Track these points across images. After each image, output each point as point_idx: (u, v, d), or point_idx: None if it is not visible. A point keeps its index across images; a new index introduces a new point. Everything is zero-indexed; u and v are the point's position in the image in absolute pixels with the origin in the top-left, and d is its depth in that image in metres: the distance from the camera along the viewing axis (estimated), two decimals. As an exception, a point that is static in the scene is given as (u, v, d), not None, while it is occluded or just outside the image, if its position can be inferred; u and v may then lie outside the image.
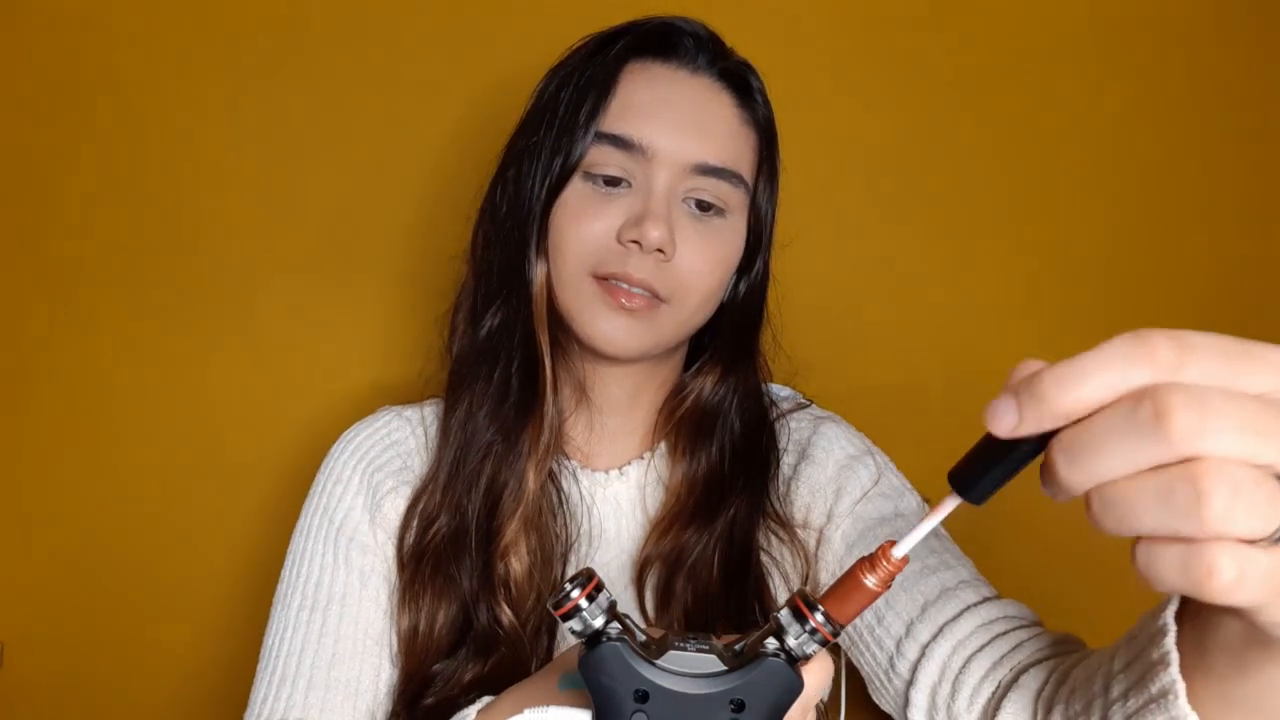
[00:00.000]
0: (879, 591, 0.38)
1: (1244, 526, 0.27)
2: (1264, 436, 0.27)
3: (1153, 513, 0.28)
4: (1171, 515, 0.27)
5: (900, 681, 0.62)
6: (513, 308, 0.71)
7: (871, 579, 0.38)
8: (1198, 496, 0.27)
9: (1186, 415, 0.27)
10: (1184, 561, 0.28)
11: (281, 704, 0.66)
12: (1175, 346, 0.28)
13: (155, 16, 1.02)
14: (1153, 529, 0.28)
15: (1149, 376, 0.28)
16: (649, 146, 0.67)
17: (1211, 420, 0.27)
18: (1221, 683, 0.37)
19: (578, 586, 0.40)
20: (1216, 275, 1.07)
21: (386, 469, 0.74)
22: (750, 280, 0.75)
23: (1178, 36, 1.06)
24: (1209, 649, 0.37)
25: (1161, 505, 0.28)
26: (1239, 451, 0.27)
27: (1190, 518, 0.27)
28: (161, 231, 1.02)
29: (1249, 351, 0.29)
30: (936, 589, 0.63)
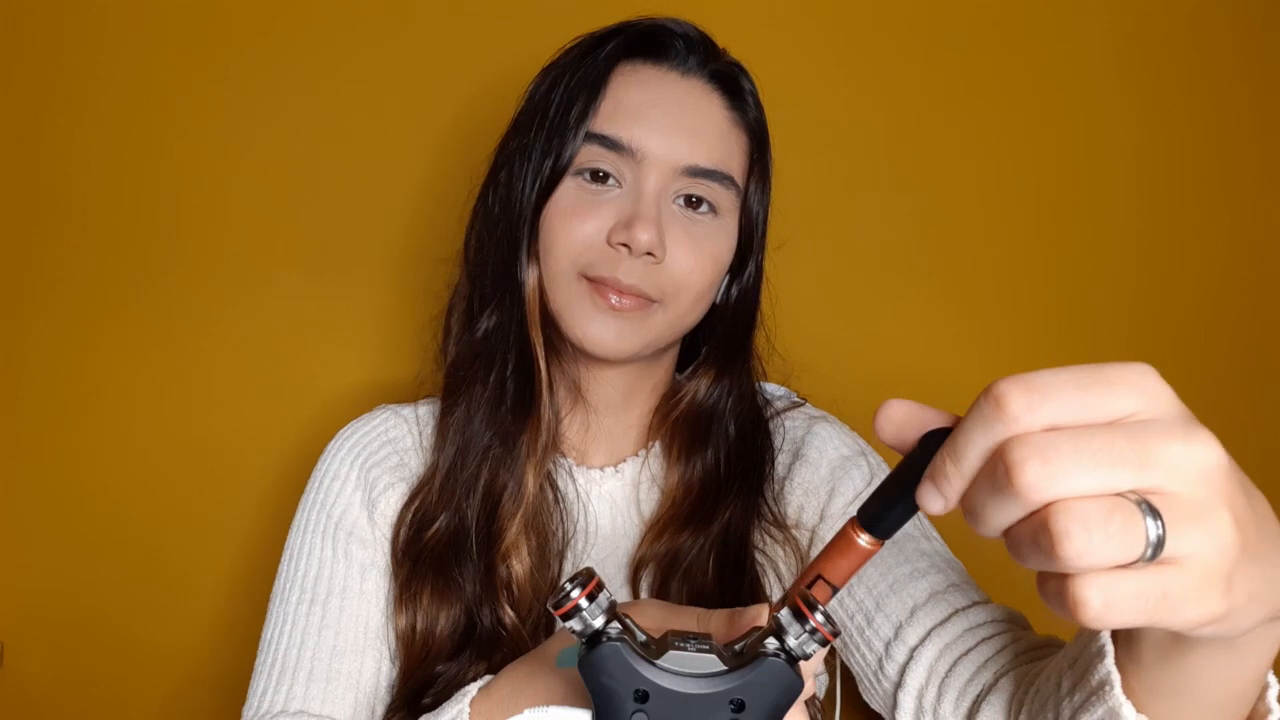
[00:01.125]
0: (872, 550, 0.39)
1: (1106, 557, 0.28)
2: (1114, 465, 0.28)
3: (1033, 558, 0.30)
4: (1044, 559, 0.29)
5: (889, 684, 0.63)
6: (506, 310, 0.71)
7: (865, 537, 0.38)
8: (1053, 541, 0.28)
9: (1031, 467, 0.28)
10: (1059, 596, 0.29)
11: (282, 696, 0.66)
12: (1024, 393, 0.29)
13: (153, 17, 1.02)
14: (1040, 568, 0.30)
15: (1004, 432, 0.30)
16: (639, 148, 0.67)
17: (1055, 466, 0.28)
18: (1150, 673, 0.39)
19: (578, 586, 0.40)
20: (1221, 277, 1.07)
21: (383, 465, 0.75)
22: (743, 282, 0.75)
23: (1185, 36, 1.06)
24: (1138, 644, 0.39)
25: (1035, 551, 0.29)
26: (1092, 486, 0.28)
27: (1056, 560, 0.28)
28: (158, 232, 1.02)
29: (1103, 377, 0.30)
30: (926, 592, 0.63)
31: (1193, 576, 0.29)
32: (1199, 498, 0.29)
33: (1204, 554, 0.29)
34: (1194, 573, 0.29)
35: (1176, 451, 0.29)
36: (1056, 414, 0.29)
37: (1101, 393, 0.30)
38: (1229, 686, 0.39)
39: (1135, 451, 0.29)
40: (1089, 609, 0.28)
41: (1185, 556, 0.29)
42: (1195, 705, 0.39)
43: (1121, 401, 0.30)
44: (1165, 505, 0.29)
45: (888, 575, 0.65)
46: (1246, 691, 0.40)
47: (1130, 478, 0.29)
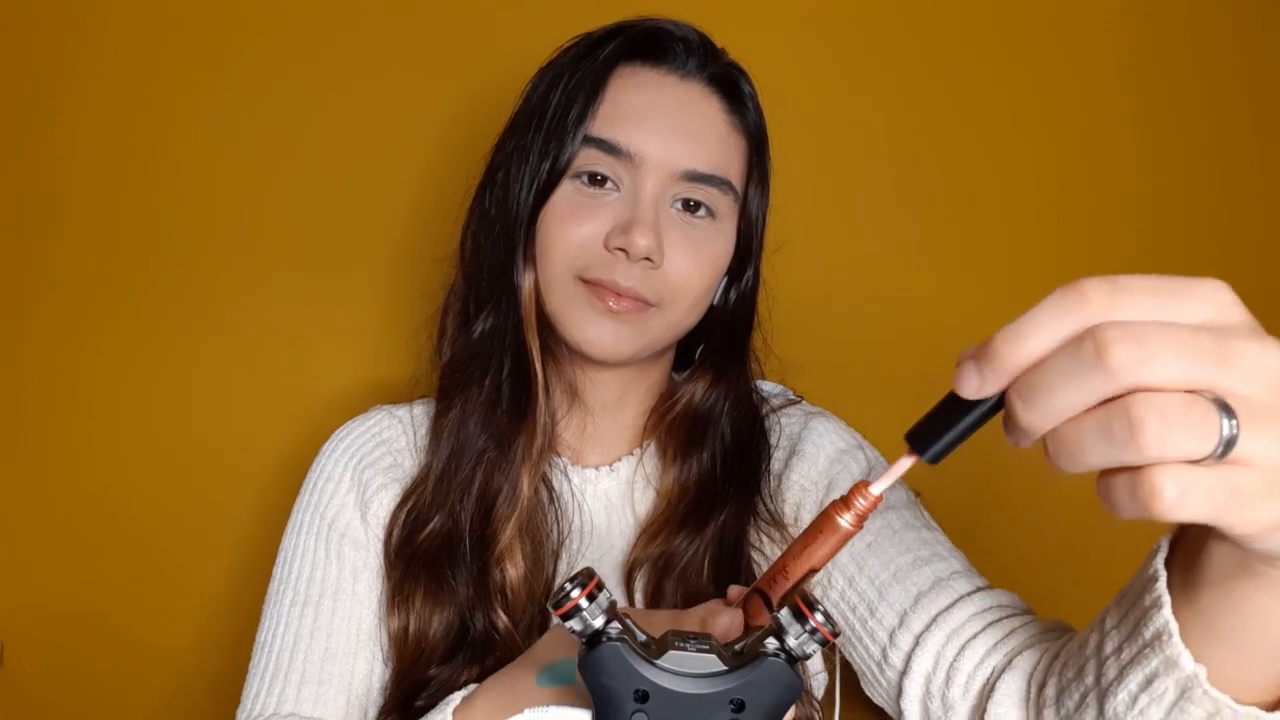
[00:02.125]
0: (853, 531, 0.39)
1: (1179, 449, 0.29)
2: (1197, 360, 0.29)
3: (1098, 448, 0.30)
4: (1113, 447, 0.29)
5: (894, 672, 0.62)
6: (503, 313, 0.71)
7: (846, 518, 0.38)
8: (1131, 427, 0.28)
9: (1124, 348, 0.29)
10: (1132, 487, 0.29)
11: (274, 698, 0.66)
12: (1107, 289, 0.31)
13: (153, 18, 1.02)
14: (1100, 463, 0.30)
15: (1086, 319, 0.30)
16: (637, 153, 0.67)
17: (1148, 349, 0.29)
18: (1208, 618, 0.39)
19: (578, 586, 0.40)
20: (1221, 277, 1.07)
21: (376, 466, 0.74)
22: (741, 286, 0.75)
23: (1185, 36, 1.06)
24: (1196, 587, 0.39)
25: (1104, 440, 0.29)
26: (1175, 377, 0.29)
27: (1128, 447, 0.29)
28: (157, 233, 1.02)
29: (1179, 286, 0.31)
30: (929, 580, 0.63)
31: (1262, 477, 0.29)
32: (1271, 402, 0.30)
33: (1274, 457, 0.30)
34: (1263, 474, 0.30)
35: (1254, 355, 0.30)
36: (1136, 311, 0.30)
37: (1178, 299, 0.31)
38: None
39: (1218, 349, 0.29)
40: (1164, 497, 0.29)
41: (1254, 458, 0.29)
42: (1254, 651, 0.39)
43: (1198, 307, 0.31)
44: (1239, 406, 0.29)
45: (890, 565, 0.65)
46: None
47: (1210, 374, 0.29)
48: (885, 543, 0.66)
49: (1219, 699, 0.39)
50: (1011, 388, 0.32)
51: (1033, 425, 0.31)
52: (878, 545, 0.67)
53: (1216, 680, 0.39)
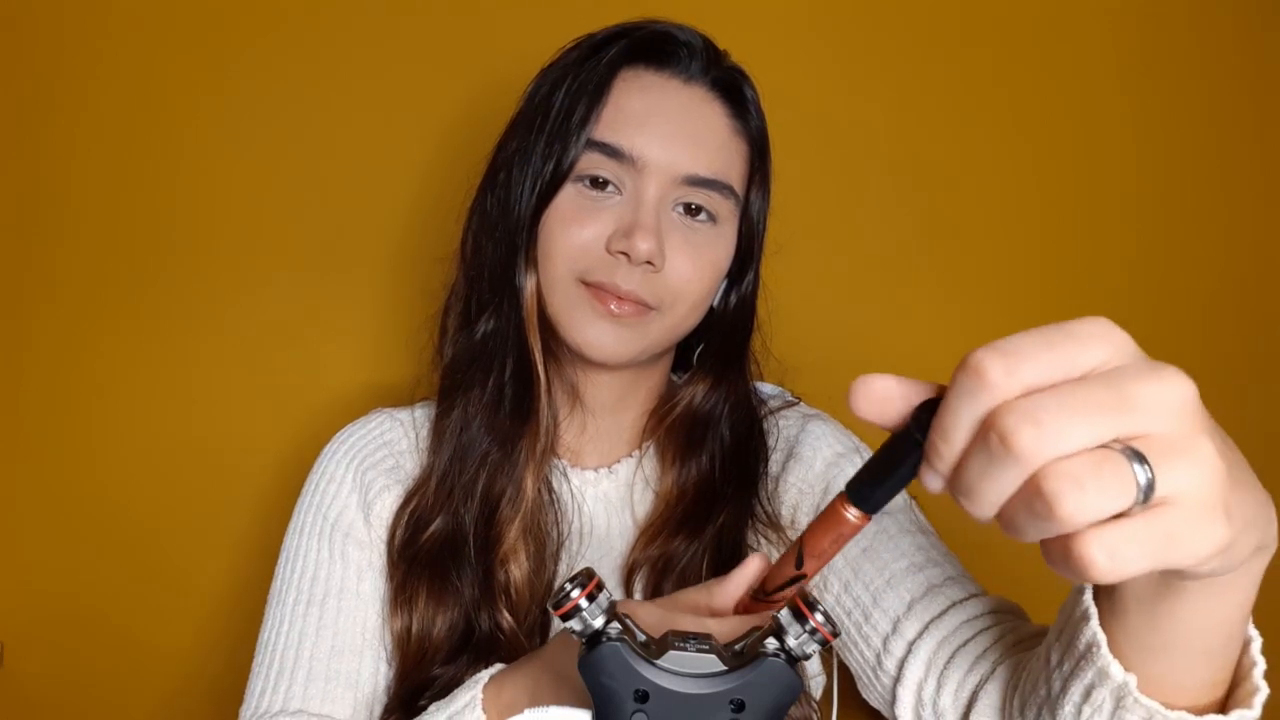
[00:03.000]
0: (860, 525, 0.39)
1: (1099, 510, 0.28)
2: (1097, 417, 0.29)
3: (1032, 527, 0.30)
4: (1042, 523, 0.29)
5: (887, 678, 0.63)
6: (504, 315, 0.71)
7: (853, 512, 0.39)
8: (1049, 504, 0.28)
9: (1025, 433, 0.29)
10: (1065, 559, 0.29)
11: (280, 696, 0.66)
12: (1000, 360, 0.30)
13: (152, 18, 1.02)
14: (1039, 537, 0.30)
15: (991, 399, 0.30)
16: (640, 157, 0.67)
17: (1046, 426, 0.29)
18: (1134, 631, 0.40)
19: (578, 586, 0.40)
20: (1221, 278, 1.07)
21: (379, 467, 0.75)
22: (741, 289, 0.75)
23: (1185, 36, 1.06)
24: (1121, 602, 0.40)
25: (1033, 519, 0.29)
26: (1080, 442, 0.29)
27: (1055, 522, 0.28)
28: (157, 233, 1.02)
29: (1069, 332, 0.31)
30: (923, 586, 0.63)
31: (1191, 511, 0.29)
32: (1179, 433, 0.30)
33: (1195, 488, 0.29)
34: (1191, 508, 0.29)
35: (1151, 391, 0.30)
36: (1034, 375, 0.30)
37: (1071, 348, 0.31)
38: (1216, 631, 0.39)
39: (1114, 399, 0.29)
40: (1096, 564, 0.29)
41: (1178, 494, 0.29)
42: (1183, 656, 0.40)
43: (1090, 353, 0.31)
44: (1148, 448, 0.29)
45: (884, 571, 0.65)
46: (1232, 636, 0.40)
47: (1113, 425, 0.29)
48: (880, 548, 0.67)
49: (1150, 706, 0.40)
50: (949, 483, 0.32)
51: (978, 516, 0.32)
52: (872, 550, 0.67)
53: (1151, 687, 0.40)
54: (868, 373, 0.35)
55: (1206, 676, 0.41)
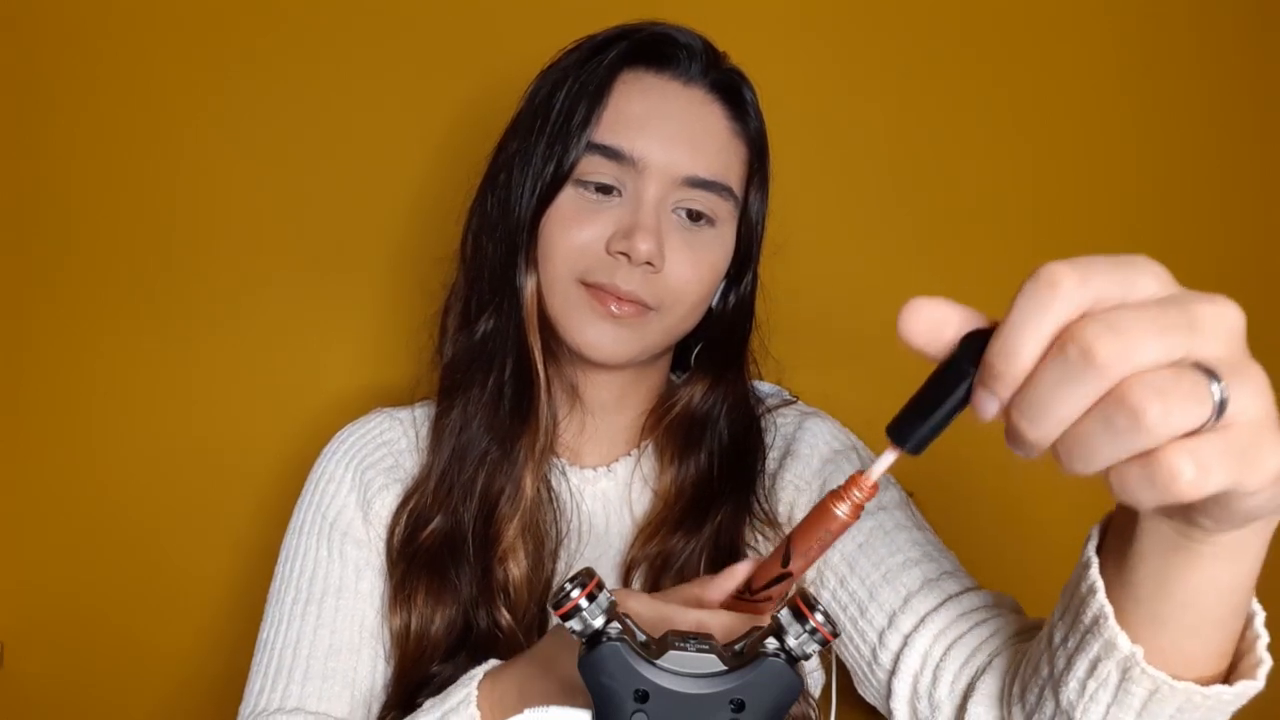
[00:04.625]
0: (849, 521, 0.39)
1: (1182, 422, 0.28)
2: (1171, 334, 0.29)
3: (1108, 445, 0.29)
4: (1122, 440, 0.29)
5: (883, 672, 0.63)
6: (504, 314, 0.71)
7: (843, 508, 0.39)
8: (1134, 415, 0.28)
9: (1107, 343, 0.29)
10: (1150, 476, 0.29)
11: (278, 695, 0.67)
12: (1074, 271, 0.30)
13: (152, 18, 1.02)
14: (1113, 458, 0.30)
15: (1064, 312, 0.30)
16: (640, 159, 0.67)
17: (1128, 337, 0.29)
18: (1144, 600, 0.40)
19: (578, 586, 0.40)
20: (1221, 278, 1.07)
21: (377, 467, 0.75)
22: (740, 291, 0.76)
23: (1185, 36, 1.06)
24: (1131, 571, 0.40)
25: (1111, 435, 0.29)
26: (1157, 356, 0.29)
27: (1137, 435, 0.29)
28: (157, 234, 1.02)
29: (1126, 261, 0.31)
30: (919, 580, 0.64)
31: (1256, 430, 0.30)
32: (1237, 356, 0.30)
33: (1256, 408, 0.30)
34: (1256, 427, 0.30)
35: (1214, 313, 0.30)
36: (1107, 290, 0.30)
37: (1133, 272, 0.31)
38: (1225, 600, 0.39)
39: (1185, 318, 0.30)
40: (1183, 476, 0.28)
41: (1243, 413, 0.30)
42: (1191, 627, 0.40)
43: (1148, 280, 0.31)
44: (1219, 367, 0.29)
45: (880, 565, 0.66)
46: (1239, 605, 0.40)
47: (1183, 343, 0.29)
48: (876, 543, 0.67)
49: (1156, 677, 0.40)
50: (1012, 406, 0.31)
51: (1040, 439, 0.31)
52: (869, 546, 0.67)
53: (1159, 658, 0.40)
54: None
55: (1213, 648, 0.41)
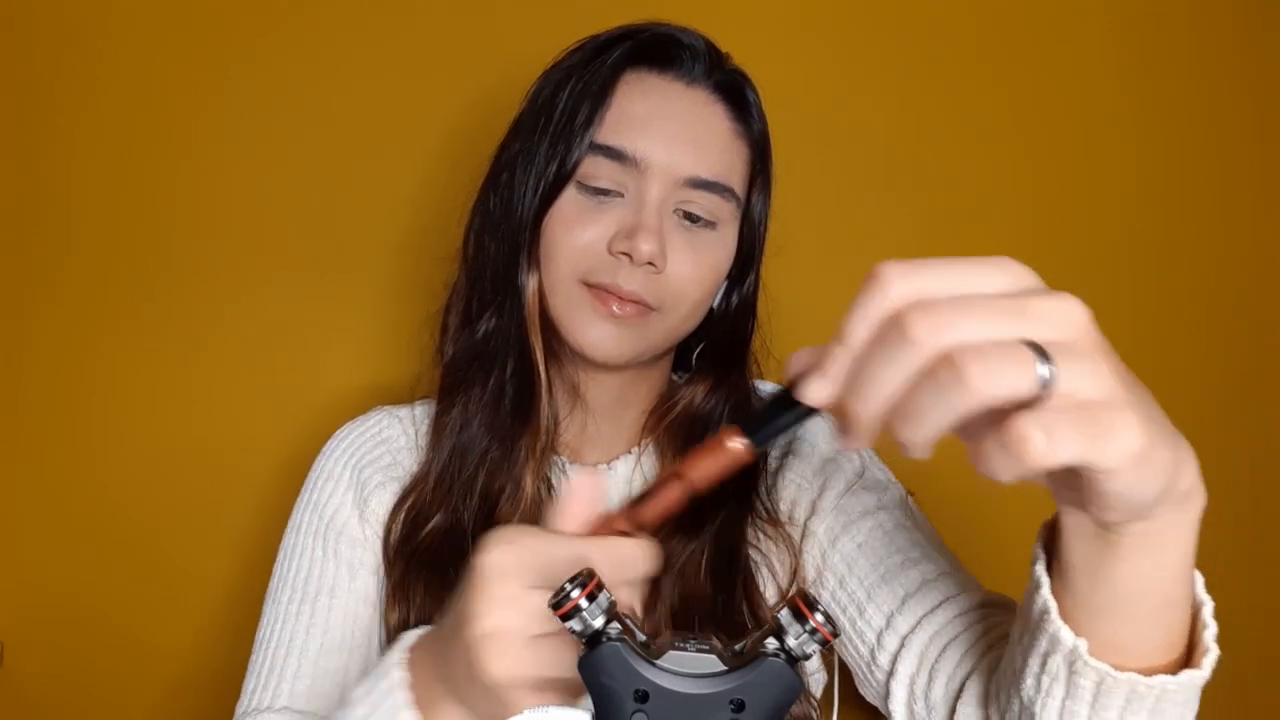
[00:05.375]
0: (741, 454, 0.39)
1: (1003, 383, 0.30)
2: (996, 318, 0.31)
3: (935, 404, 0.31)
4: (948, 398, 0.31)
5: (881, 674, 0.63)
6: (506, 314, 0.71)
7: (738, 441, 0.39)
8: (955, 370, 0.30)
9: (922, 319, 0.31)
10: (1002, 444, 0.31)
11: (269, 694, 0.67)
12: (899, 267, 0.33)
13: (152, 19, 1.02)
14: (942, 419, 0.31)
15: (886, 301, 0.33)
16: (643, 159, 0.67)
17: (943, 317, 0.31)
18: (1082, 596, 0.42)
19: (578, 586, 0.40)
20: (1221, 278, 1.07)
21: (375, 465, 0.75)
22: (742, 292, 0.76)
23: (1185, 36, 1.06)
24: (1068, 570, 0.42)
25: (936, 393, 0.31)
26: (976, 335, 0.31)
27: (960, 390, 0.30)
28: (158, 233, 1.03)
29: (974, 259, 0.34)
30: (917, 581, 0.64)
31: (1103, 407, 0.31)
32: (1077, 341, 0.32)
33: (1098, 389, 0.31)
34: (1102, 405, 0.31)
35: (1049, 305, 0.32)
36: (932, 285, 0.33)
37: (972, 269, 0.33)
38: (1156, 590, 0.40)
39: (1014, 306, 0.32)
40: (1034, 442, 0.30)
41: (1080, 390, 0.31)
42: (1129, 618, 0.41)
43: (991, 279, 0.33)
44: (1050, 348, 0.31)
45: (879, 565, 0.66)
46: (1173, 595, 0.41)
47: (1012, 327, 0.31)
48: (876, 543, 0.67)
49: (1099, 668, 0.41)
50: (846, 393, 0.34)
51: (868, 413, 0.33)
52: (868, 546, 0.67)
53: (1104, 651, 0.42)
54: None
55: (1156, 638, 0.42)
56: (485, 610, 0.43)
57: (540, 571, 0.43)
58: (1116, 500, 0.34)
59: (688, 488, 0.41)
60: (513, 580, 0.43)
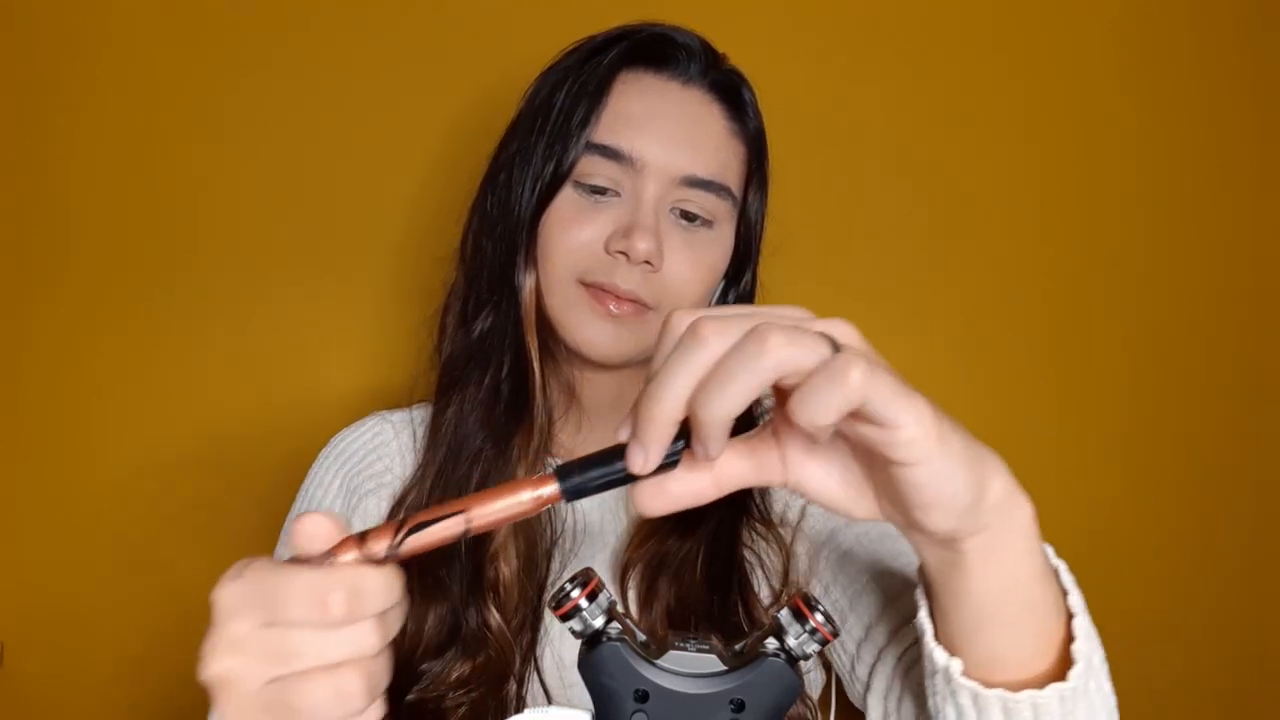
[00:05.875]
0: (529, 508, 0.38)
1: (803, 353, 0.34)
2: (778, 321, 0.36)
3: (741, 369, 0.34)
4: (754, 363, 0.34)
5: (860, 685, 0.63)
6: (503, 313, 0.71)
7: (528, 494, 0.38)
8: (760, 337, 0.34)
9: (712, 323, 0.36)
10: (828, 379, 0.34)
11: None
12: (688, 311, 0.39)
13: (152, 20, 1.02)
14: (749, 384, 0.34)
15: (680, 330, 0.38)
16: (639, 158, 0.67)
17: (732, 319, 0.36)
18: (949, 618, 0.43)
19: (578, 586, 0.40)
20: (1222, 279, 1.07)
21: (366, 471, 0.75)
22: (739, 291, 0.76)
23: (1185, 36, 1.06)
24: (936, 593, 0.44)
25: (742, 358, 0.34)
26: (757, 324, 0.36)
27: (763, 355, 0.34)
28: (155, 236, 1.02)
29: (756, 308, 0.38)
30: (897, 589, 0.63)
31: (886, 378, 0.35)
32: (853, 339, 0.38)
33: (878, 367, 0.35)
34: (883, 377, 0.34)
35: (829, 322, 0.38)
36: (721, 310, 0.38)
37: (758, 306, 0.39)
38: (1007, 601, 0.42)
39: (797, 316, 0.38)
40: (855, 369, 0.33)
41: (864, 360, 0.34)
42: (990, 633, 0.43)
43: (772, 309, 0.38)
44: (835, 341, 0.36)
45: (863, 574, 0.65)
46: (1032, 599, 0.42)
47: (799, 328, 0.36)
48: (861, 551, 0.67)
49: (970, 687, 0.43)
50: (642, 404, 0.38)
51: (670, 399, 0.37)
52: (853, 554, 0.67)
53: (983, 666, 0.43)
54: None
55: (1030, 646, 0.43)
56: (212, 652, 0.39)
57: (272, 608, 0.38)
58: (932, 495, 0.37)
59: (467, 527, 0.38)
60: (244, 618, 0.39)
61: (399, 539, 0.38)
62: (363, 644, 0.38)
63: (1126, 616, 1.03)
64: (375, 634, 0.38)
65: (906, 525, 0.41)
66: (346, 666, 0.37)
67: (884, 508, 0.41)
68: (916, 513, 0.38)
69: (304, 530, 0.39)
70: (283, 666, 0.37)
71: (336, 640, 0.37)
